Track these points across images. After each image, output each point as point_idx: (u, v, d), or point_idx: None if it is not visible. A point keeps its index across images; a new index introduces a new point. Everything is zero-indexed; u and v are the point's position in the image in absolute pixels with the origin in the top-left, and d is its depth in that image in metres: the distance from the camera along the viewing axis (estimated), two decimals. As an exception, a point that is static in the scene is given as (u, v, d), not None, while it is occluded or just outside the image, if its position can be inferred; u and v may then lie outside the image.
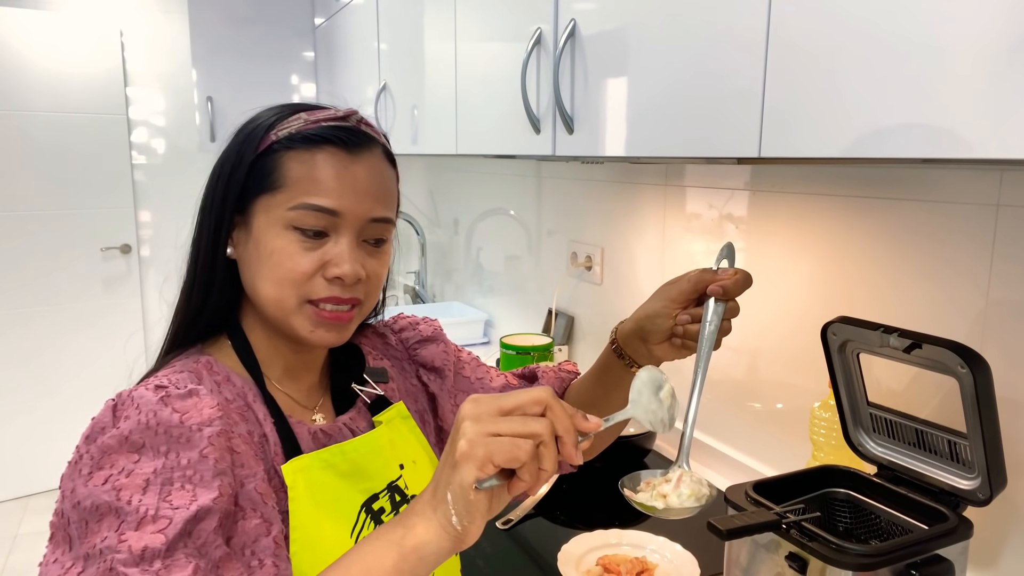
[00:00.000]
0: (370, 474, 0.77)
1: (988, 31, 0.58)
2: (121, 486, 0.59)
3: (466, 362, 0.97)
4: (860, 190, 1.15)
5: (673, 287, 0.83)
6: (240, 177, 0.72)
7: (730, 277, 0.78)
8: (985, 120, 0.59)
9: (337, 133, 0.72)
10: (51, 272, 3.32)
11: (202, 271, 0.74)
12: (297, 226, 0.70)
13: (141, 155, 3.51)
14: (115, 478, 0.60)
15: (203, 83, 2.95)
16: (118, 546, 0.57)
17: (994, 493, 0.85)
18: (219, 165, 0.74)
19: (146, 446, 0.61)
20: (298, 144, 0.71)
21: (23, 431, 3.31)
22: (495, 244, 2.48)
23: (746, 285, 0.79)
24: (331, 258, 0.71)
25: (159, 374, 0.70)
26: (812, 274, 1.25)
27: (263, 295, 0.72)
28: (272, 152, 0.71)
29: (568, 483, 1.38)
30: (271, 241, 0.70)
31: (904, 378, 1.06)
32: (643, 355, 0.86)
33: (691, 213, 1.52)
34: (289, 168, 0.70)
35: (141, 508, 0.58)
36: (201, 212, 0.75)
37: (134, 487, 0.59)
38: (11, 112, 3.15)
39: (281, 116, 0.74)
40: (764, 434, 1.38)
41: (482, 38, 1.52)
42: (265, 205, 0.71)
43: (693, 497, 0.70)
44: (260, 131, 0.72)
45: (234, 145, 0.74)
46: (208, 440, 0.63)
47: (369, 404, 0.84)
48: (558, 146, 1.23)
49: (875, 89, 0.68)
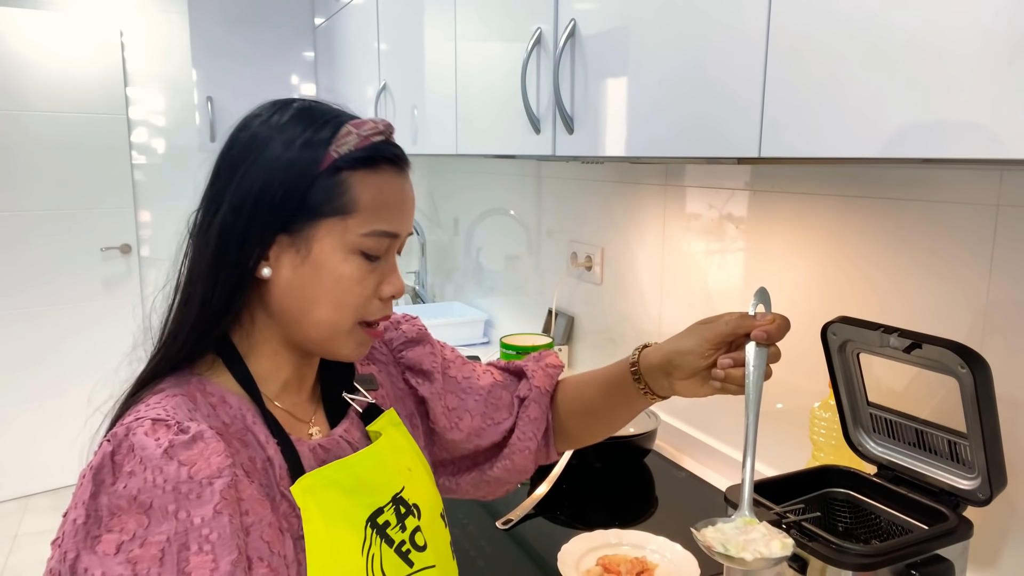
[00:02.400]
0: (374, 488, 0.75)
1: (988, 31, 0.58)
2: (136, 558, 0.56)
3: (451, 361, 0.95)
4: (860, 190, 1.15)
5: (710, 328, 0.81)
6: (300, 196, 0.67)
7: (771, 322, 0.78)
8: (985, 120, 0.59)
9: (390, 150, 0.72)
10: (51, 272, 3.32)
11: (224, 288, 0.68)
12: (363, 251, 0.69)
13: (141, 155, 3.51)
14: (127, 546, 0.57)
15: (203, 83, 2.95)
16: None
17: (994, 493, 0.85)
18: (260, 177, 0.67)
19: (154, 507, 0.58)
20: (361, 165, 0.69)
21: (23, 431, 3.31)
22: (495, 244, 2.48)
23: (787, 329, 0.78)
24: (384, 278, 0.72)
25: (150, 401, 0.65)
26: (812, 274, 1.25)
27: (317, 318, 0.70)
28: (336, 172, 0.68)
29: (568, 483, 1.38)
30: (338, 266, 0.69)
31: (904, 378, 1.06)
32: (663, 388, 0.85)
33: (691, 213, 1.52)
34: (360, 192, 0.68)
35: None
36: (225, 226, 0.68)
37: (150, 558, 0.56)
38: (11, 112, 3.15)
39: (333, 129, 0.69)
40: (764, 434, 1.38)
41: (482, 38, 1.52)
42: (332, 228, 0.68)
43: (780, 547, 0.71)
44: (319, 146, 0.68)
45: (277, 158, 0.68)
46: (220, 494, 0.60)
47: (361, 412, 0.82)
48: (558, 146, 1.23)
49: (875, 89, 0.68)
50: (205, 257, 0.69)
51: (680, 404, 1.59)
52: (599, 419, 0.95)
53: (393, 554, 0.73)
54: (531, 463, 0.95)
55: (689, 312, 1.55)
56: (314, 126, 0.69)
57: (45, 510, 3.26)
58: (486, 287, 2.56)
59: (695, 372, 0.81)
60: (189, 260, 0.71)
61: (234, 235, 0.67)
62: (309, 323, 0.70)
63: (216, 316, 0.69)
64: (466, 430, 0.92)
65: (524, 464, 0.95)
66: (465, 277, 2.74)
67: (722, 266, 1.46)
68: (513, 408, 0.95)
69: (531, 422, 0.93)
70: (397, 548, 0.74)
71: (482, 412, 0.93)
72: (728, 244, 1.43)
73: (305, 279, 0.69)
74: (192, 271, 0.70)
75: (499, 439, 0.94)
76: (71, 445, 3.35)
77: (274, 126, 0.70)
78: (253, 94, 2.92)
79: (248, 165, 0.68)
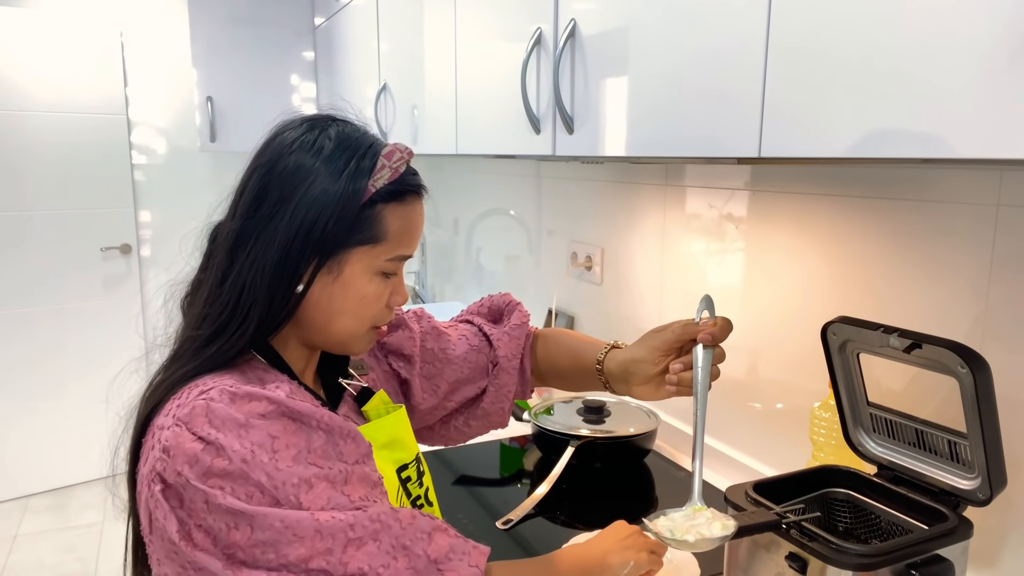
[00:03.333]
0: (404, 444, 0.86)
1: (988, 31, 0.58)
2: (313, 460, 0.66)
3: (427, 333, 1.03)
4: (860, 190, 1.15)
5: (658, 336, 0.91)
6: (345, 229, 0.73)
7: (714, 325, 0.87)
8: (984, 120, 0.59)
9: (414, 180, 0.79)
10: (51, 272, 3.31)
11: (281, 307, 0.74)
12: (385, 272, 0.78)
13: (141, 155, 3.50)
14: (303, 454, 0.66)
15: (203, 83, 2.95)
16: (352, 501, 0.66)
17: (994, 493, 0.85)
18: (313, 209, 0.72)
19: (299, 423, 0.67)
20: (392, 198, 0.76)
21: (23, 431, 3.31)
22: (495, 244, 2.48)
23: (729, 331, 0.87)
24: (394, 289, 0.80)
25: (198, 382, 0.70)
26: (812, 274, 1.25)
27: (340, 327, 0.78)
28: (372, 204, 0.75)
29: (568, 483, 1.38)
30: (364, 287, 0.77)
31: (904, 378, 1.06)
32: (623, 391, 0.96)
33: (691, 213, 1.52)
34: (390, 224, 0.76)
35: (342, 461, 0.68)
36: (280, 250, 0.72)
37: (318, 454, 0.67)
38: (11, 112, 3.15)
39: (371, 164, 0.75)
40: (764, 434, 1.38)
41: (482, 38, 1.52)
42: (363, 255, 0.76)
43: (720, 527, 0.80)
44: (360, 181, 0.73)
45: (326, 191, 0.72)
46: (329, 415, 0.69)
47: (356, 395, 0.89)
48: (558, 146, 1.23)
49: (875, 89, 0.68)
50: (263, 278, 0.72)
51: (680, 404, 1.59)
52: (568, 384, 1.08)
53: (410, 505, 0.84)
54: (506, 418, 1.08)
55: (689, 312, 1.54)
56: (356, 157, 0.75)
57: (45, 510, 3.26)
58: (486, 287, 2.56)
59: (649, 378, 0.92)
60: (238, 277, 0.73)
61: (289, 261, 0.72)
62: (332, 331, 0.78)
63: (270, 331, 0.76)
64: (442, 394, 1.02)
65: (500, 420, 1.07)
66: (465, 277, 2.74)
67: (722, 266, 1.46)
68: (487, 371, 1.05)
69: (501, 388, 1.04)
70: (413, 502, 0.85)
71: (457, 379, 1.03)
72: (728, 244, 1.43)
73: (334, 296, 0.76)
74: (246, 289, 0.73)
75: (472, 396, 1.05)
76: (71, 445, 3.35)
77: (319, 154, 0.74)
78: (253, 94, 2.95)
79: (301, 196, 0.73)
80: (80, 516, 3.19)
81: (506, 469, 1.53)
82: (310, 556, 0.62)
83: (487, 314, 1.11)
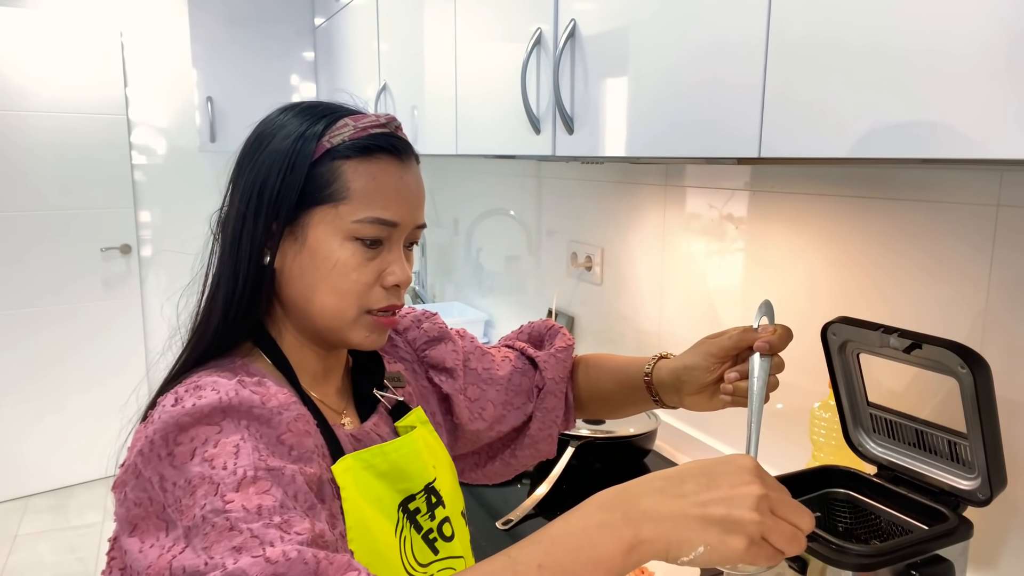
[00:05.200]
0: (408, 475, 0.77)
1: (988, 31, 0.58)
2: (211, 456, 0.57)
3: (471, 352, 0.98)
4: (860, 190, 1.15)
5: (714, 343, 0.84)
6: (295, 186, 0.70)
7: (773, 333, 0.79)
8: (985, 120, 0.59)
9: (388, 141, 0.73)
10: (51, 272, 3.31)
11: (239, 279, 0.71)
12: (359, 237, 0.71)
13: (141, 155, 3.51)
14: (202, 450, 0.58)
15: (203, 83, 2.95)
16: (227, 508, 0.54)
17: (994, 493, 0.85)
18: (262, 171, 0.71)
19: (227, 419, 0.60)
20: (355, 154, 0.71)
21: (23, 431, 3.31)
22: (495, 244, 2.48)
23: (789, 339, 0.80)
24: (387, 267, 0.73)
25: (190, 379, 0.66)
26: (812, 274, 1.25)
27: (319, 305, 0.72)
28: (328, 161, 0.70)
29: (568, 483, 1.38)
30: (333, 252, 0.70)
31: (904, 378, 1.06)
32: (674, 401, 0.90)
33: (691, 213, 1.52)
34: (351, 180, 0.70)
35: (238, 471, 0.56)
36: (238, 219, 0.71)
37: (225, 454, 0.58)
38: (11, 112, 3.15)
39: (328, 122, 0.72)
40: (764, 434, 1.38)
41: (482, 38, 1.52)
42: (324, 216, 0.70)
43: None
44: (312, 138, 0.71)
45: (275, 151, 0.71)
46: (287, 426, 0.63)
47: (390, 409, 0.84)
48: (558, 146, 1.23)
49: (875, 89, 0.68)
50: (225, 253, 0.72)
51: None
52: (612, 408, 1.02)
53: (420, 540, 0.76)
54: (554, 446, 1.01)
55: (689, 312, 1.55)
56: (311, 120, 0.72)
57: (45, 510, 3.26)
58: (486, 287, 2.56)
59: (703, 387, 0.85)
60: (214, 257, 0.74)
61: (245, 230, 0.71)
62: (314, 311, 0.72)
63: (241, 309, 0.72)
64: (489, 419, 0.95)
65: (548, 449, 1.01)
66: (465, 277, 2.74)
67: (722, 266, 1.46)
68: (532, 394, 0.99)
69: (549, 412, 0.98)
70: (424, 535, 0.77)
71: (503, 401, 0.97)
72: (728, 244, 1.43)
73: (304, 266, 0.71)
74: (216, 267, 0.73)
75: (519, 424, 0.99)
76: (71, 445, 3.35)
77: (277, 123, 0.73)
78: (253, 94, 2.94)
79: (251, 162, 0.72)
80: (80, 516, 3.20)
81: (506, 469, 1.53)
82: None
83: (527, 340, 1.05)
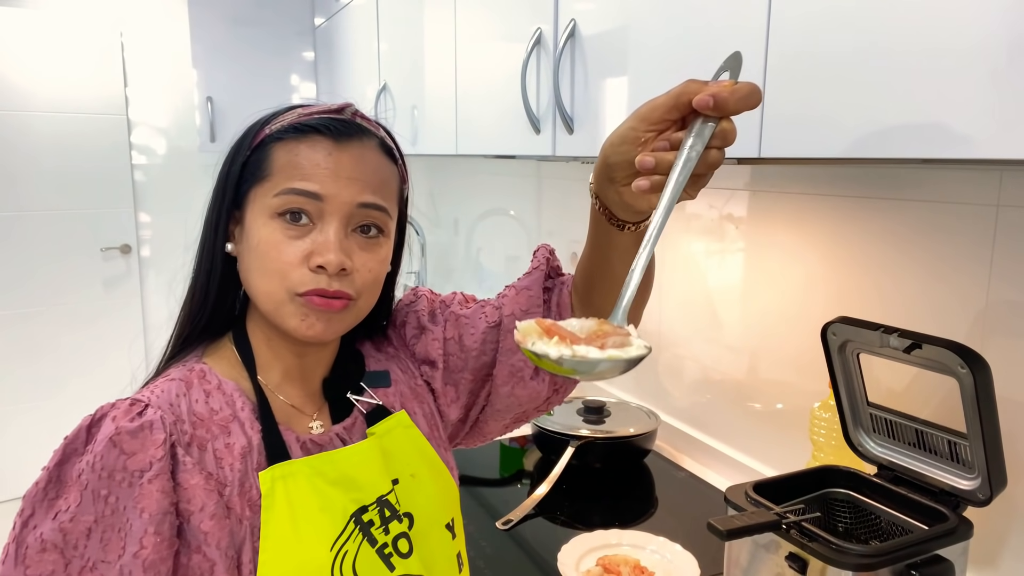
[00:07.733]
0: (359, 485, 0.73)
1: (988, 31, 0.58)
2: (67, 530, 0.63)
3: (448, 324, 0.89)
4: (860, 190, 1.15)
5: (648, 103, 0.63)
6: (236, 171, 0.73)
7: (727, 87, 0.58)
8: (985, 120, 0.59)
9: (326, 123, 0.72)
10: (51, 272, 3.31)
11: (204, 268, 0.75)
12: (281, 212, 0.68)
13: (141, 155, 3.50)
14: (62, 516, 0.63)
15: (203, 83, 2.95)
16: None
17: (994, 493, 0.85)
18: (223, 163, 0.76)
19: (88, 488, 0.64)
20: (287, 135, 0.71)
21: (22, 431, 3.31)
22: (495, 244, 2.48)
23: (749, 101, 0.58)
24: (315, 247, 0.68)
25: (153, 384, 0.71)
26: (812, 274, 1.25)
27: (255, 288, 0.71)
28: (264, 145, 0.72)
29: (568, 483, 1.38)
30: (259, 231, 0.70)
31: (904, 378, 1.06)
32: (615, 201, 0.69)
33: (691, 213, 1.52)
34: (277, 157, 0.71)
35: (85, 556, 0.63)
36: (206, 212, 0.76)
37: (78, 533, 0.63)
38: (11, 112, 3.15)
39: (278, 112, 0.75)
40: (764, 434, 1.38)
41: (482, 38, 1.52)
42: (255, 196, 0.72)
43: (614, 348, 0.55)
44: (256, 127, 0.74)
45: (234, 143, 0.75)
46: (141, 490, 0.64)
47: (368, 413, 0.80)
48: (558, 146, 1.23)
49: (875, 89, 0.68)
50: (198, 247, 0.76)
51: (680, 404, 1.59)
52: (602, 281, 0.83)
53: (374, 554, 0.72)
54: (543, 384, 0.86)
55: (689, 312, 1.55)
56: (268, 113, 0.75)
57: (45, 510, 3.26)
58: (486, 287, 2.56)
59: (634, 168, 0.63)
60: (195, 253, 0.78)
61: (208, 220, 0.75)
62: (254, 294, 0.72)
63: (209, 301, 0.75)
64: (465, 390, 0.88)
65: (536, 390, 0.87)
66: (465, 277, 2.74)
67: (722, 266, 1.46)
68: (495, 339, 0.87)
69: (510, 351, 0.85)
70: (379, 549, 0.72)
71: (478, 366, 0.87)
72: (728, 244, 1.43)
73: (245, 251, 0.72)
74: (194, 261, 0.76)
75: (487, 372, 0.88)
76: (71, 445, 3.35)
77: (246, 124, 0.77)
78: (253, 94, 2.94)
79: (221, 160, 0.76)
80: (80, 516, 3.19)
81: (506, 469, 1.53)
82: None
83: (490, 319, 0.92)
